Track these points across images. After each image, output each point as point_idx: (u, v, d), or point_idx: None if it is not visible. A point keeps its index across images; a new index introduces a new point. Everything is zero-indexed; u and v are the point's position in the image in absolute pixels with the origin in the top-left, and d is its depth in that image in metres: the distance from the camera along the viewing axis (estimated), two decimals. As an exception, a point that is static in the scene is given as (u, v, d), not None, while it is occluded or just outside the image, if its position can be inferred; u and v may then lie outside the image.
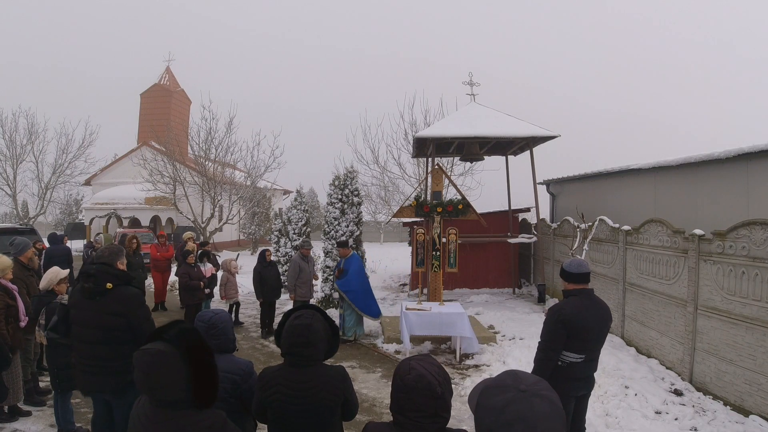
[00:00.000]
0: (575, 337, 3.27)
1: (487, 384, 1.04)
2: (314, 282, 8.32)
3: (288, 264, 11.84)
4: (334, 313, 8.56)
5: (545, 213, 12.91)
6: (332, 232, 10.08)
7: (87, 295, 3.22)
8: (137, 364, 1.74)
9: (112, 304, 3.20)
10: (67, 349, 3.79)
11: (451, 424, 1.65)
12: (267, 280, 8.22)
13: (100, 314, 3.19)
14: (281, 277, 8.74)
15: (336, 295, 8.84)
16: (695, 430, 4.56)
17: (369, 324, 8.83)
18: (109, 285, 3.20)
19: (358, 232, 10.10)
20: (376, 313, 7.99)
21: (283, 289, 9.18)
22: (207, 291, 8.12)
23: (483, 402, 0.99)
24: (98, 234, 12.20)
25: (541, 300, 10.57)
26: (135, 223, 23.06)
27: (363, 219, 10.74)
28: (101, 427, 3.39)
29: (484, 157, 12.33)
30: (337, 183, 10.27)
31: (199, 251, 8.59)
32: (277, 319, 8.40)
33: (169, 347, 1.76)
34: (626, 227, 7.43)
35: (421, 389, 1.54)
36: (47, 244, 9.33)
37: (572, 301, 3.35)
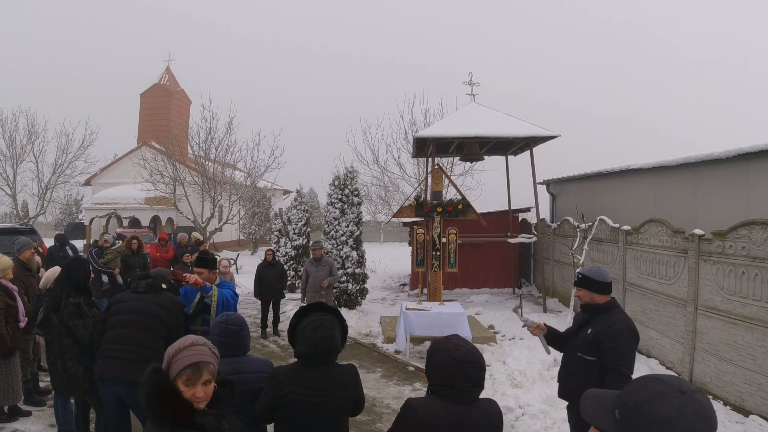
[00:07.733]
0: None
1: (642, 398, 1.01)
2: (324, 287, 7.59)
3: (287, 264, 11.89)
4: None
5: (545, 213, 12.90)
6: (332, 232, 10.08)
7: (144, 289, 3.50)
8: None
9: (162, 299, 3.52)
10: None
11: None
12: (265, 280, 8.20)
13: (149, 303, 3.47)
14: (284, 277, 8.68)
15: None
16: (695, 430, 4.55)
17: (370, 324, 8.81)
18: (164, 285, 3.61)
19: (358, 232, 10.10)
20: None
21: (286, 290, 9.15)
22: None
23: (652, 415, 0.98)
24: (104, 233, 12.16)
25: None
26: (135, 223, 23.05)
27: (363, 219, 10.74)
28: (118, 429, 3.37)
29: (484, 157, 12.33)
30: (337, 183, 10.27)
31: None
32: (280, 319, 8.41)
33: None
34: (626, 227, 7.43)
35: (472, 362, 1.76)
36: (47, 246, 9.33)
37: (622, 313, 3.01)
